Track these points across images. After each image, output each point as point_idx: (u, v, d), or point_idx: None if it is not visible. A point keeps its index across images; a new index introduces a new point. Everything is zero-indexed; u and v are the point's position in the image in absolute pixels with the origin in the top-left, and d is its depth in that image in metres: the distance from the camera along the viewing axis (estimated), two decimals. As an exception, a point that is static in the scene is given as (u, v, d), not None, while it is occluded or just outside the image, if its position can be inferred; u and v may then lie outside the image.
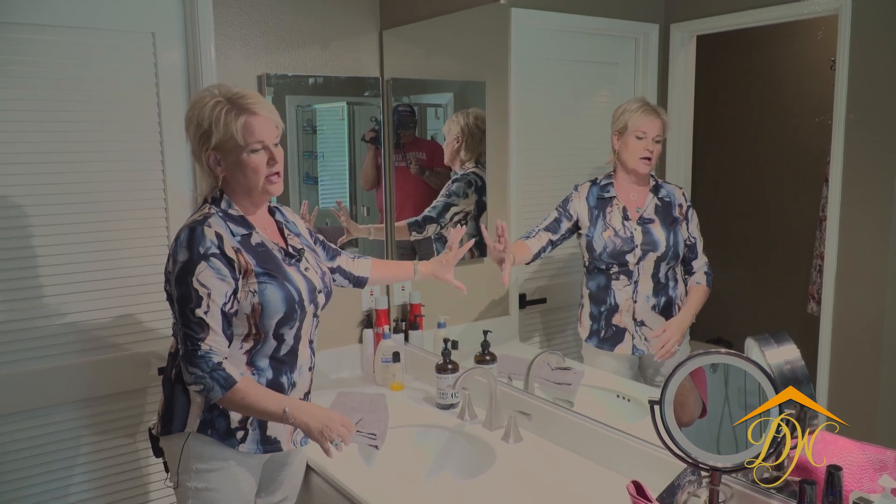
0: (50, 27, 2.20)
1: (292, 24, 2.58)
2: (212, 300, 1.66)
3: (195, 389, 1.69)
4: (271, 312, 1.73)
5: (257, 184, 1.74)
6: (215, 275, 1.67)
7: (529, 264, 2.27)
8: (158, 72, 2.38)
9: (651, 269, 2.07)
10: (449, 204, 2.69)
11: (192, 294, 1.66)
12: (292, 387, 1.83)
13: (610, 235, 2.09)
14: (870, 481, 1.40)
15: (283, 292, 1.75)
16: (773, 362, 1.53)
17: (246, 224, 1.78)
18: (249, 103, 1.70)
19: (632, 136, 2.04)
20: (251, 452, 1.81)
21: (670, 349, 2.01)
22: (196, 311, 1.66)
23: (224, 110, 1.69)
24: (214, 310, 1.67)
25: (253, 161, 1.71)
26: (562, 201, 2.22)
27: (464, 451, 2.20)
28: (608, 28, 2.24)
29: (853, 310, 1.63)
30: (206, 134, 1.70)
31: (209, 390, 1.67)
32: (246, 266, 1.71)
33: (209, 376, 1.66)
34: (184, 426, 1.78)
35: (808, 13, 1.71)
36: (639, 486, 1.55)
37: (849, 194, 1.60)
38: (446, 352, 2.39)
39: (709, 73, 1.98)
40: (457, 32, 2.57)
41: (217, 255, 1.67)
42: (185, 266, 1.67)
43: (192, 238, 1.67)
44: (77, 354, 2.33)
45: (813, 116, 1.73)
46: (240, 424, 1.78)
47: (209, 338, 1.67)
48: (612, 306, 2.12)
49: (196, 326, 1.67)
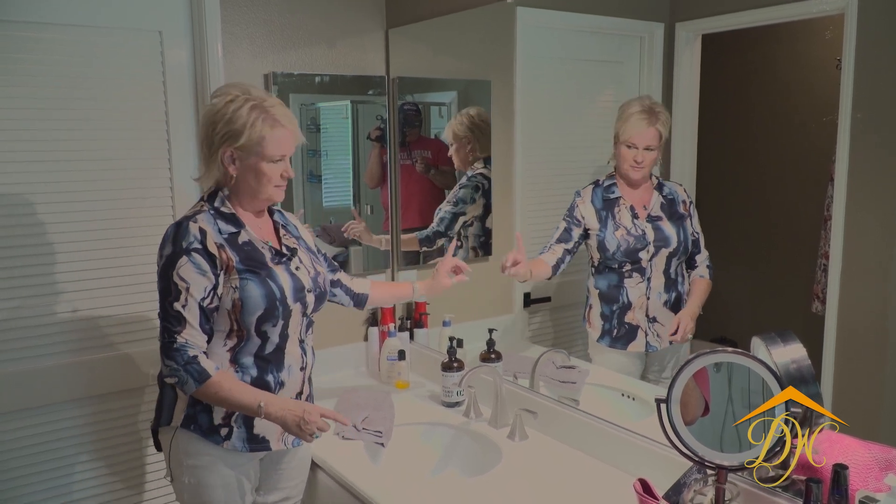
0: (55, 25, 2.20)
1: (299, 22, 2.59)
2: (190, 294, 1.70)
3: (170, 382, 1.73)
4: (251, 309, 1.75)
5: (265, 191, 1.79)
6: (195, 269, 1.70)
7: (551, 279, 2.28)
8: (165, 70, 2.39)
9: (663, 266, 2.08)
10: (456, 214, 2.70)
11: (171, 287, 1.70)
12: (280, 386, 1.83)
13: (623, 234, 2.10)
14: (875, 480, 1.40)
15: (264, 289, 1.76)
16: (780, 361, 1.54)
17: (235, 222, 1.80)
18: (281, 114, 1.76)
19: (622, 144, 2.07)
20: (237, 450, 1.81)
21: (685, 335, 2.03)
22: (174, 305, 1.70)
23: (261, 118, 1.73)
24: (192, 304, 1.70)
25: (269, 170, 1.76)
26: (567, 211, 2.23)
27: (469, 449, 2.20)
28: (613, 27, 2.25)
29: (858, 309, 1.64)
30: (236, 133, 1.73)
31: (183, 383, 1.70)
32: (228, 262, 1.74)
33: (183, 369, 1.69)
34: (170, 420, 1.82)
35: (813, 12, 1.72)
36: (645, 484, 1.55)
37: (854, 193, 1.60)
38: (451, 350, 2.40)
39: (714, 72, 1.98)
40: (462, 31, 2.58)
41: (199, 250, 1.71)
42: (168, 260, 1.72)
43: (177, 233, 1.73)
44: (80, 352, 2.33)
45: (818, 116, 1.74)
46: (223, 421, 1.79)
47: (185, 331, 1.70)
48: (624, 304, 2.12)
49: (173, 319, 1.70)
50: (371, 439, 2.16)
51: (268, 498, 1.97)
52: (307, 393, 1.94)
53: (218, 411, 1.78)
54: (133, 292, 2.40)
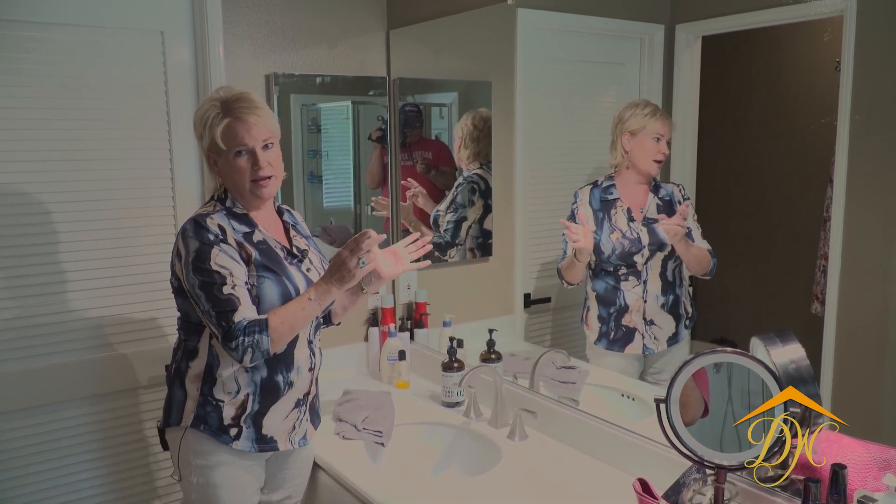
0: (58, 25, 2.21)
1: (300, 23, 2.59)
2: (235, 277, 1.69)
3: (248, 361, 1.69)
4: (267, 307, 1.74)
5: (244, 186, 1.78)
6: (229, 257, 1.71)
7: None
8: (167, 70, 2.40)
9: (659, 269, 2.08)
10: (459, 220, 2.71)
11: (214, 276, 1.68)
12: (289, 386, 1.84)
13: (618, 237, 2.10)
14: (874, 480, 1.41)
15: (281, 288, 1.77)
16: (779, 361, 1.54)
17: (249, 222, 1.81)
18: (238, 107, 1.74)
19: (649, 137, 2.05)
20: (246, 451, 1.81)
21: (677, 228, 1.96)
22: (224, 290, 1.68)
23: (213, 115, 1.74)
24: (240, 285, 1.70)
25: (237, 164, 1.76)
26: (569, 217, 2.22)
27: (469, 449, 2.21)
28: (614, 28, 2.25)
29: (857, 310, 1.64)
30: (202, 136, 1.77)
31: (257, 346, 1.67)
32: (249, 256, 1.74)
33: (245, 336, 1.66)
34: (180, 420, 1.81)
35: (812, 14, 1.72)
36: (644, 484, 1.56)
37: (853, 195, 1.61)
38: (452, 350, 2.40)
39: (714, 74, 1.99)
40: (463, 32, 2.58)
41: (226, 241, 1.72)
42: (199, 253, 1.70)
43: (198, 228, 1.72)
44: (86, 351, 2.34)
45: (817, 117, 1.74)
46: (233, 421, 1.79)
47: (240, 311, 1.68)
48: (621, 307, 2.12)
49: (226, 304, 1.67)
50: (371, 439, 2.16)
51: (272, 496, 1.98)
52: (314, 393, 1.94)
53: (227, 411, 1.78)
54: (136, 291, 2.40)
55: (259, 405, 1.80)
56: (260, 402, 1.80)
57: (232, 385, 1.78)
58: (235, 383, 1.78)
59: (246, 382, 1.79)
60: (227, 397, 1.78)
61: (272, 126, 1.78)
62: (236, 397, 1.78)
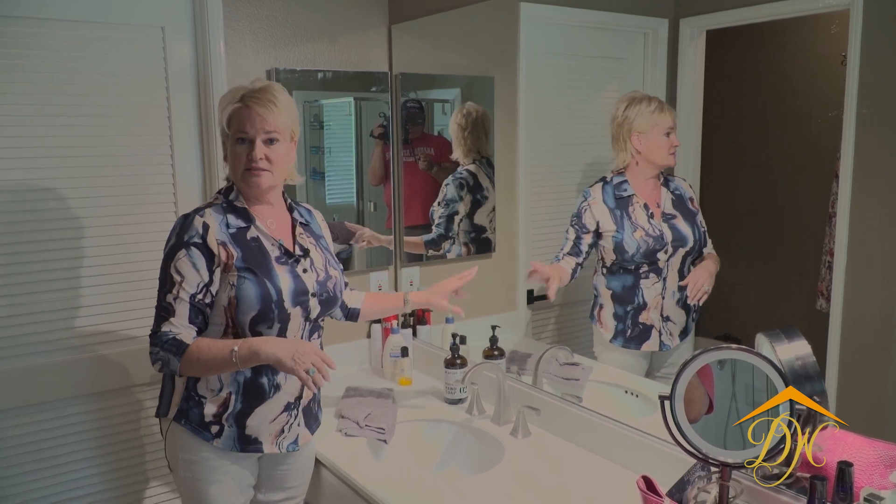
0: (58, 21, 2.20)
1: (302, 18, 2.58)
2: (182, 288, 1.72)
3: (157, 369, 1.74)
4: (245, 308, 1.73)
5: (236, 174, 1.79)
6: (191, 264, 1.72)
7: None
8: (168, 66, 2.39)
9: (678, 265, 2.06)
10: (451, 215, 2.72)
11: (167, 279, 1.73)
12: (275, 389, 1.81)
13: (642, 235, 2.07)
14: (880, 477, 1.40)
15: (260, 290, 1.74)
16: (784, 358, 1.53)
17: (246, 217, 1.80)
18: (254, 97, 1.75)
19: (660, 134, 2.03)
20: (227, 449, 1.80)
21: (700, 291, 2.00)
22: (167, 297, 1.73)
23: (230, 100, 1.76)
24: (183, 298, 1.72)
25: (235, 151, 1.77)
26: (575, 215, 2.18)
27: (472, 446, 2.20)
28: (617, 23, 2.24)
29: (863, 306, 1.63)
30: (218, 120, 1.81)
31: (167, 363, 1.71)
32: (227, 259, 1.73)
33: (162, 349, 1.70)
34: (167, 412, 1.83)
35: (818, 8, 1.71)
36: (649, 481, 1.55)
37: (859, 190, 1.59)
38: (454, 347, 2.40)
39: (718, 69, 1.98)
40: (466, 27, 2.57)
41: (199, 244, 1.72)
42: (170, 251, 1.75)
43: (182, 225, 1.75)
44: (85, 349, 2.34)
45: (823, 112, 1.73)
46: (213, 419, 1.78)
47: (170, 321, 1.72)
48: (639, 305, 2.10)
49: (163, 311, 1.73)
50: (374, 436, 2.16)
51: (272, 497, 1.97)
52: (309, 397, 1.91)
53: (209, 408, 1.78)
54: (136, 288, 2.40)
55: (242, 405, 1.79)
56: (243, 402, 1.79)
57: (215, 382, 1.78)
58: (218, 381, 1.78)
59: (229, 381, 1.78)
60: (210, 394, 1.78)
61: (281, 123, 1.76)
62: (218, 395, 1.78)
